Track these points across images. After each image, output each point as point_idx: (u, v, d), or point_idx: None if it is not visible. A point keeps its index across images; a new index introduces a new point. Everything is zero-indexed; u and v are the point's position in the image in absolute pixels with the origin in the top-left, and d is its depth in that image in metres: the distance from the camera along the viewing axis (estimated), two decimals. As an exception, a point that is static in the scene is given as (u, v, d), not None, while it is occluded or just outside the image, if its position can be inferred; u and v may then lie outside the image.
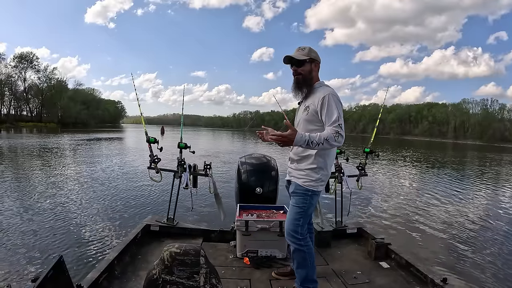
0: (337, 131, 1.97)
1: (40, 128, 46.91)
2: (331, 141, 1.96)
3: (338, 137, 1.97)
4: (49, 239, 4.53)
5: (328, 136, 1.96)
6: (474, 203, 8.39)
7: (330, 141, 1.96)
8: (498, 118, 78.12)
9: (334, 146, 2.03)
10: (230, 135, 55.33)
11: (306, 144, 1.93)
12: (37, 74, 70.70)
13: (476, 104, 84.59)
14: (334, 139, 1.96)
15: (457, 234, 5.69)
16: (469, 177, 13.68)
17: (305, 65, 2.21)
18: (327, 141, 1.96)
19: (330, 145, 1.99)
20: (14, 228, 4.93)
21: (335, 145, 2.01)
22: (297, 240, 2.16)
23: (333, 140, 1.96)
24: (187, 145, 3.32)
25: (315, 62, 2.23)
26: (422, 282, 2.47)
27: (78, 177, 9.60)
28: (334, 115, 2.01)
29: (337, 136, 1.96)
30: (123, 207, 6.36)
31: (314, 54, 2.23)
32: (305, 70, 2.21)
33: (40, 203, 6.40)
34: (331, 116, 2.02)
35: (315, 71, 2.24)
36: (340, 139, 1.97)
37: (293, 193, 2.22)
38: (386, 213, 6.91)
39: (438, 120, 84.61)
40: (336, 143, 1.98)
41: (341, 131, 1.98)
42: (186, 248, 1.31)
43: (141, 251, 2.90)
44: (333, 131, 1.97)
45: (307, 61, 2.20)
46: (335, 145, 2.00)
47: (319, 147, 1.98)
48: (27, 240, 4.47)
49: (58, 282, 1.53)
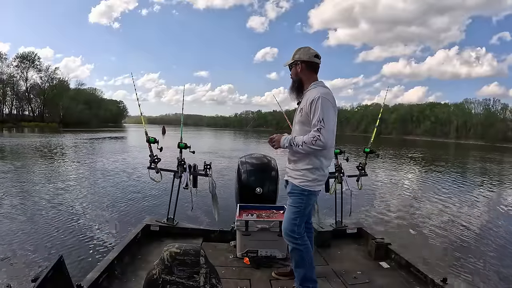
0: (314, 136, 2.00)
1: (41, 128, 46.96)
2: (309, 145, 2.01)
3: (316, 141, 1.99)
4: (49, 239, 4.54)
5: (306, 139, 2.03)
6: (474, 203, 8.38)
7: (308, 145, 2.02)
8: (500, 118, 77.80)
9: (314, 149, 2.05)
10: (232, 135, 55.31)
11: (289, 145, 2.11)
12: (39, 74, 70.89)
13: (479, 104, 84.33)
14: (311, 143, 2.00)
15: (458, 234, 5.68)
16: (471, 177, 13.68)
17: (296, 67, 2.23)
18: (306, 144, 2.03)
19: (310, 149, 2.04)
20: (14, 228, 4.94)
21: (315, 149, 2.04)
22: (294, 239, 2.18)
23: (311, 144, 2.00)
24: (187, 145, 3.32)
25: (302, 62, 2.21)
26: (422, 282, 2.46)
27: (78, 177, 9.63)
28: (315, 119, 2.02)
29: (315, 140, 1.99)
30: (123, 207, 6.37)
31: (297, 55, 2.22)
32: (293, 73, 2.25)
33: (40, 203, 6.42)
34: (314, 119, 2.03)
35: (304, 71, 2.22)
36: (319, 143, 1.99)
37: (290, 193, 2.23)
38: (386, 213, 6.91)
39: (440, 120, 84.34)
40: (315, 147, 2.01)
41: (319, 136, 1.98)
42: (186, 248, 1.32)
43: (141, 251, 2.91)
44: (311, 135, 2.01)
45: (293, 65, 2.24)
46: (315, 148, 2.03)
47: (300, 149, 2.07)
48: (27, 240, 4.48)
49: (58, 282, 1.53)
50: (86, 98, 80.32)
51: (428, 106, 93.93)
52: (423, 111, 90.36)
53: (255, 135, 52.06)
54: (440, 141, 69.13)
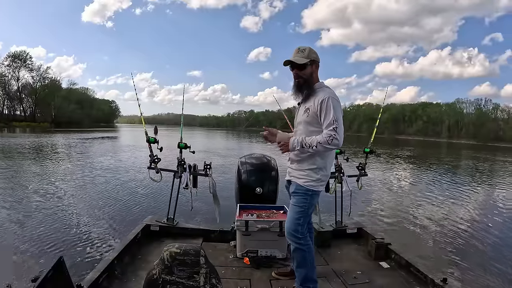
0: (331, 135, 2.00)
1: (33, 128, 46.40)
2: (325, 145, 2.02)
3: (333, 141, 2.00)
4: (49, 239, 4.50)
5: (321, 139, 2.02)
6: (474, 203, 8.42)
7: (323, 145, 2.02)
8: (491, 118, 78.74)
9: (329, 149, 2.07)
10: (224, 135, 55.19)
11: (300, 146, 2.08)
12: (30, 73, 70.09)
13: (470, 104, 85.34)
14: (327, 142, 2.01)
15: (458, 234, 5.71)
16: (470, 177, 13.75)
17: (307, 68, 2.18)
18: (321, 145, 2.03)
19: (325, 148, 2.05)
20: (14, 228, 4.90)
21: (331, 148, 2.06)
22: (297, 239, 2.17)
23: (327, 143, 2.01)
24: (187, 145, 3.31)
25: (316, 63, 2.22)
26: (422, 282, 2.47)
27: (77, 177, 9.53)
28: (330, 118, 2.03)
29: (331, 139, 2.00)
30: (123, 207, 6.34)
31: (314, 55, 2.21)
32: (306, 73, 2.19)
33: (40, 203, 6.36)
34: (327, 119, 2.04)
35: (316, 72, 2.23)
36: (335, 142, 2.01)
37: (294, 193, 2.22)
38: (386, 213, 6.93)
39: (432, 119, 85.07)
40: (331, 146, 2.03)
41: (336, 135, 2.00)
42: (186, 248, 1.32)
43: (141, 251, 2.89)
44: (327, 134, 2.02)
45: (308, 64, 2.18)
46: (330, 148, 2.05)
47: (313, 150, 2.06)
48: (27, 240, 4.44)
49: (58, 282, 1.53)
50: (78, 98, 79.41)
51: (420, 106, 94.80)
52: (415, 110, 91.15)
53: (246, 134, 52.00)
54: (432, 140, 69.71)
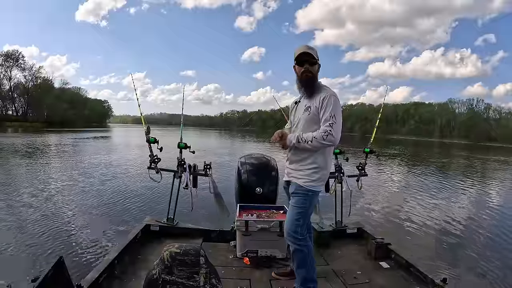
0: (326, 130, 2.03)
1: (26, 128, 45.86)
2: (320, 140, 2.04)
3: (328, 136, 2.03)
4: (49, 239, 4.50)
5: (317, 135, 2.05)
6: (474, 203, 8.41)
7: (319, 140, 2.04)
8: (483, 118, 79.65)
9: (325, 145, 2.09)
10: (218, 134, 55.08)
11: (297, 141, 2.11)
12: (23, 72, 69.76)
13: (462, 104, 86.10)
14: (323, 138, 2.04)
15: (458, 234, 5.70)
16: (469, 177, 13.65)
17: (315, 66, 2.24)
18: (316, 140, 2.05)
19: (320, 144, 2.07)
20: (14, 228, 4.90)
21: (326, 144, 2.08)
22: (297, 240, 2.17)
23: (322, 139, 2.04)
24: (187, 145, 3.32)
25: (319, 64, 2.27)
26: (422, 282, 2.47)
27: (77, 177, 9.53)
28: (327, 115, 2.06)
29: (326, 135, 2.03)
30: (123, 207, 6.34)
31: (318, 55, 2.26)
32: (314, 71, 2.24)
33: (40, 204, 6.35)
34: (325, 115, 2.07)
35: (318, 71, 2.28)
36: (330, 138, 2.03)
37: (294, 193, 2.22)
38: (386, 213, 6.91)
39: (425, 119, 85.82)
40: (326, 142, 2.05)
41: (331, 131, 2.03)
42: (186, 248, 1.33)
43: (141, 251, 2.90)
44: (323, 130, 2.05)
45: (317, 63, 2.24)
46: (326, 144, 2.07)
47: (308, 145, 2.08)
48: (27, 240, 4.44)
49: (58, 282, 1.55)
50: (71, 98, 78.90)
51: (413, 105, 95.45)
52: (408, 110, 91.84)
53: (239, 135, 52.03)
54: (425, 140, 69.84)
